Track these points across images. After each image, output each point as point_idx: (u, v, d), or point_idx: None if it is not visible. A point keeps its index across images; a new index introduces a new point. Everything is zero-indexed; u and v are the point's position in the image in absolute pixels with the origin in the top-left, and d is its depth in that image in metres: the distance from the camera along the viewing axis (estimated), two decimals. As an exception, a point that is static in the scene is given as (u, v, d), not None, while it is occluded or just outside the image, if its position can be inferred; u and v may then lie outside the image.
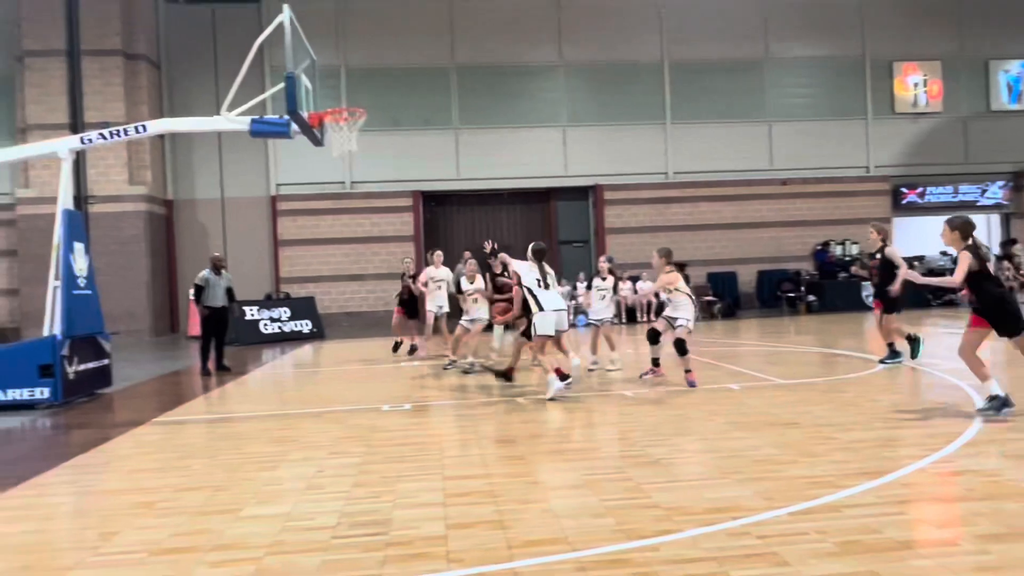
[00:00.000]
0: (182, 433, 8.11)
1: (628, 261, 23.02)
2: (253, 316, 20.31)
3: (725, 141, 26.08)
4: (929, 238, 26.71)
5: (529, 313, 9.46)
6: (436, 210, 26.05)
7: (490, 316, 12.11)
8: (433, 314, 13.63)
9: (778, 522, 4.35)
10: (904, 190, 26.78)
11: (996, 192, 27.12)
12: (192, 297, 14.19)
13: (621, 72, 25.91)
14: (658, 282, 9.86)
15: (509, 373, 10.04)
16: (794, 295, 24.61)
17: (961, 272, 6.87)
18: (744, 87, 26.30)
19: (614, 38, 25.86)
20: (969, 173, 27.03)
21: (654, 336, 9.88)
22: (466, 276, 12.10)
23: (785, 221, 26.25)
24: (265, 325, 20.43)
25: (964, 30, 26.95)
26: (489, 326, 12.51)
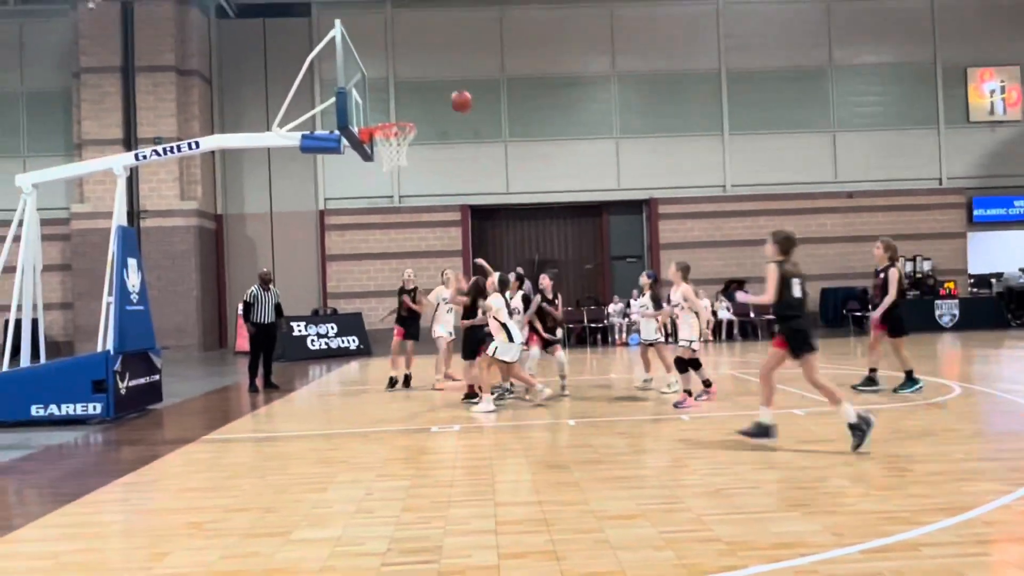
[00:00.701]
0: (230, 452, 8.09)
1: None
2: (300, 332, 20.35)
3: (786, 152, 25.57)
4: (1008, 253, 26.18)
5: (490, 337, 9.99)
6: (484, 224, 25.89)
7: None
8: (444, 340, 12.68)
9: (849, 560, 4.12)
10: (980, 203, 25.90)
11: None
12: (240, 313, 14.19)
13: (676, 82, 25.61)
14: (679, 292, 9.85)
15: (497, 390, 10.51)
16: (860, 314, 23.61)
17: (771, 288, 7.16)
18: (807, 96, 25.79)
19: (669, 47, 25.57)
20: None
21: (682, 365, 9.78)
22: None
23: (851, 236, 25.32)
24: (312, 341, 20.45)
25: (1044, 33, 26.03)
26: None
